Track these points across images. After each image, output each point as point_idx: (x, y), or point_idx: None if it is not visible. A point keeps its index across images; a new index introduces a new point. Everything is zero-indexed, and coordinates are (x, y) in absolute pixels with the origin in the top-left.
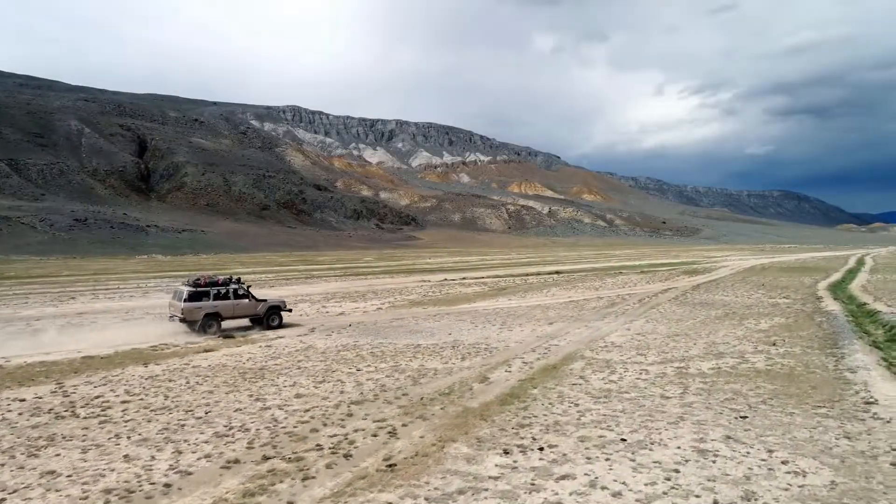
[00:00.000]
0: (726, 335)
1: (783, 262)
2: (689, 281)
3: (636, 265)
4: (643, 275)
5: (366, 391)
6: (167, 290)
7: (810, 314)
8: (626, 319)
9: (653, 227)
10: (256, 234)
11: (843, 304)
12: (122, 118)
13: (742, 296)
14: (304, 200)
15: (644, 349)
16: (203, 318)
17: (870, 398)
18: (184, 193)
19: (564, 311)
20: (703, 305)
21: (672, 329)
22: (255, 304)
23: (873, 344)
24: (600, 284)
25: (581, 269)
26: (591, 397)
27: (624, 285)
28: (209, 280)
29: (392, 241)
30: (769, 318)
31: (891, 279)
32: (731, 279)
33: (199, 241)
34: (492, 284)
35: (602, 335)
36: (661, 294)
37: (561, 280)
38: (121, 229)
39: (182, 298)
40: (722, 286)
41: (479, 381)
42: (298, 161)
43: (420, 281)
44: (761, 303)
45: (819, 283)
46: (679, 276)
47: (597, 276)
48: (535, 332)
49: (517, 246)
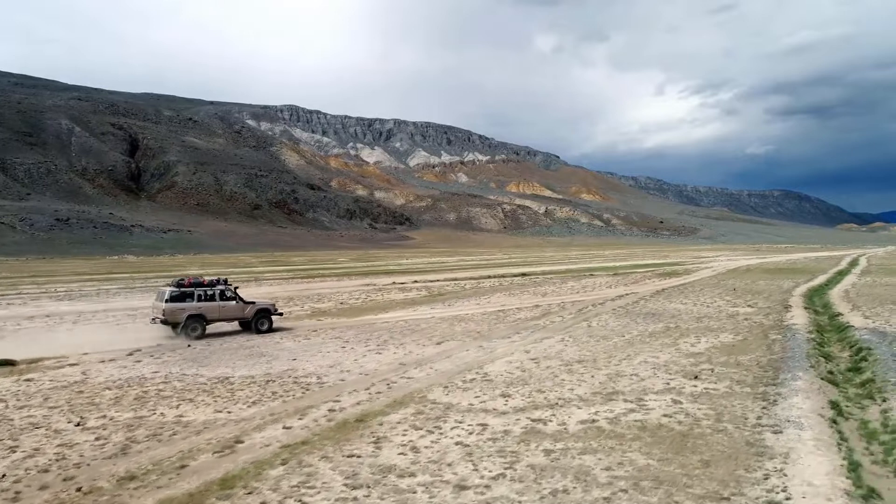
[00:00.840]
0: (644, 362)
1: (772, 263)
2: (656, 285)
3: (616, 266)
4: (613, 277)
5: None
6: (84, 296)
7: (766, 330)
8: (540, 336)
9: (650, 226)
10: (244, 234)
11: (814, 315)
12: (114, 117)
13: (701, 304)
14: (296, 200)
15: (518, 385)
16: (186, 319)
17: (780, 491)
18: (174, 193)
19: (478, 324)
20: (648, 316)
21: (582, 352)
22: (242, 306)
23: (828, 376)
24: (555, 289)
25: (553, 270)
26: (350, 485)
27: (581, 290)
28: (193, 280)
29: (383, 242)
30: (714, 336)
31: (879, 283)
32: (705, 283)
33: (184, 241)
34: (436, 289)
35: (485, 361)
36: (613, 301)
37: (519, 284)
38: (104, 229)
39: (164, 299)
40: (687, 291)
41: (217, 451)
42: (293, 160)
43: (366, 284)
44: (718, 313)
45: (798, 287)
46: (650, 279)
47: (563, 279)
48: (408, 355)
49: (510, 246)
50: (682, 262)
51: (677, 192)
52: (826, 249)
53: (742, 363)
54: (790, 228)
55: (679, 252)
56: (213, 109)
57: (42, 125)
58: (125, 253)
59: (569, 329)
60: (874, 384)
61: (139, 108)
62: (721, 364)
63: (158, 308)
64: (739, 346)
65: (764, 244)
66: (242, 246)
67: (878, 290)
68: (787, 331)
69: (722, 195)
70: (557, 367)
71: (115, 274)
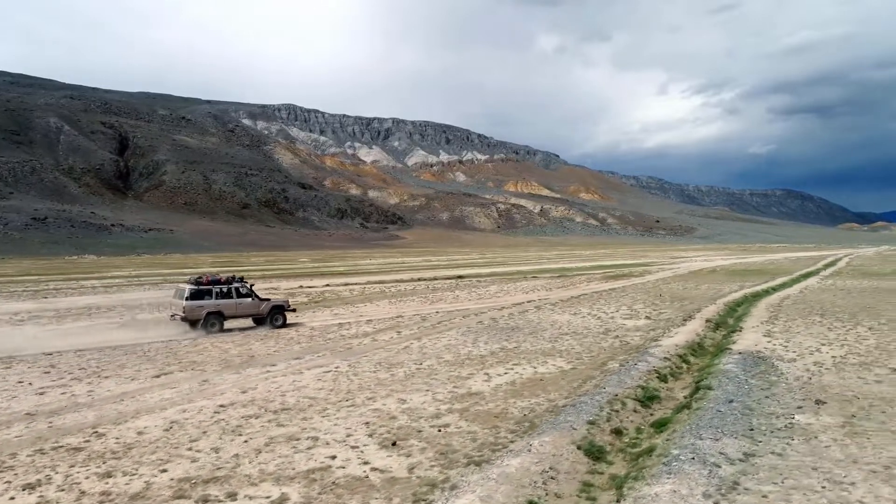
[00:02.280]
0: (376, 410)
1: (744, 264)
2: (584, 289)
3: (575, 267)
4: (555, 280)
5: None
6: None
7: (617, 354)
8: (323, 361)
9: (646, 226)
10: (227, 234)
11: (709, 332)
12: (106, 116)
13: (597, 314)
14: (286, 199)
15: (114, 458)
16: (205, 316)
17: None
18: (161, 192)
19: (277, 342)
20: (504, 332)
21: (335, 388)
22: (258, 303)
23: (595, 442)
24: (465, 295)
25: (502, 272)
26: None
27: (492, 296)
28: (212, 278)
29: (373, 241)
30: (541, 363)
31: (834, 287)
32: (643, 287)
33: (163, 240)
34: (331, 293)
35: (154, 409)
36: (501, 310)
37: (433, 287)
38: (81, 228)
39: (183, 297)
40: (606, 298)
41: None
42: (287, 159)
43: (298, 286)
44: (599, 327)
45: (738, 292)
46: (591, 282)
47: (499, 281)
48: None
49: (499, 245)
50: (652, 262)
51: (679, 191)
52: (818, 249)
53: (506, 414)
54: (790, 228)
55: (662, 252)
56: (209, 109)
57: (30, 124)
58: (96, 253)
59: (383, 349)
60: (649, 458)
61: (133, 106)
62: (470, 417)
63: (178, 306)
64: (551, 379)
65: (758, 244)
66: (221, 245)
67: (822, 297)
68: (644, 355)
69: (724, 195)
70: (238, 419)
71: (36, 276)
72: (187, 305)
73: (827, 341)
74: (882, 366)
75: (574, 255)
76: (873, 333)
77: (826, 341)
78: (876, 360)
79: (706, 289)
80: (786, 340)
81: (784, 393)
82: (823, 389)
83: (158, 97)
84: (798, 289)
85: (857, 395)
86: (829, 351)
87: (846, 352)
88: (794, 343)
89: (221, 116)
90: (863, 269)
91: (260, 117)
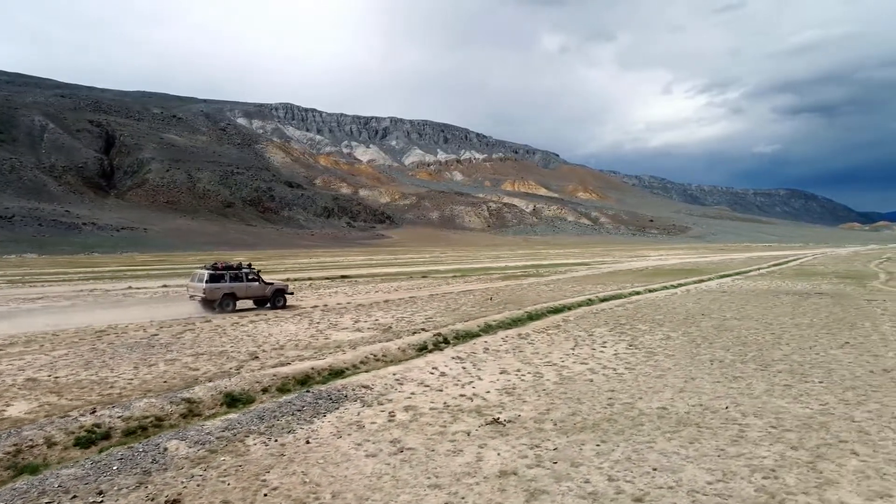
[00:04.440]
0: None
1: (686, 264)
2: (436, 290)
3: (498, 267)
4: (428, 280)
5: None
6: None
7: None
8: None
9: (639, 225)
10: (203, 233)
11: (383, 354)
12: (94, 114)
13: (313, 325)
14: (272, 198)
15: None
16: (221, 297)
17: None
18: (144, 190)
19: None
20: (156, 348)
21: None
22: (263, 286)
23: None
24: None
25: (392, 273)
26: None
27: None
28: (225, 265)
29: (356, 240)
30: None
31: (727, 290)
32: (507, 288)
33: (133, 239)
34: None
35: None
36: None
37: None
38: (49, 227)
39: (204, 280)
40: (424, 301)
41: None
42: (278, 158)
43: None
44: (231, 348)
45: (608, 292)
46: (466, 283)
47: (390, 281)
48: None
49: (484, 244)
50: (588, 262)
51: (681, 191)
52: (802, 248)
53: None
54: (788, 227)
55: (632, 251)
56: (204, 107)
57: (14, 122)
58: (54, 252)
59: None
60: None
61: (125, 105)
62: None
63: (198, 289)
64: None
65: (746, 243)
66: (191, 245)
67: (679, 302)
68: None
69: (727, 194)
70: None
71: None
72: (207, 287)
73: (530, 365)
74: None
75: (541, 254)
76: (635, 350)
77: (521, 367)
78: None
79: (579, 290)
80: (445, 366)
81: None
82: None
83: (155, 96)
84: (680, 290)
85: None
86: (490, 382)
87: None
88: (455, 371)
89: (214, 115)
90: (804, 270)
91: (256, 116)
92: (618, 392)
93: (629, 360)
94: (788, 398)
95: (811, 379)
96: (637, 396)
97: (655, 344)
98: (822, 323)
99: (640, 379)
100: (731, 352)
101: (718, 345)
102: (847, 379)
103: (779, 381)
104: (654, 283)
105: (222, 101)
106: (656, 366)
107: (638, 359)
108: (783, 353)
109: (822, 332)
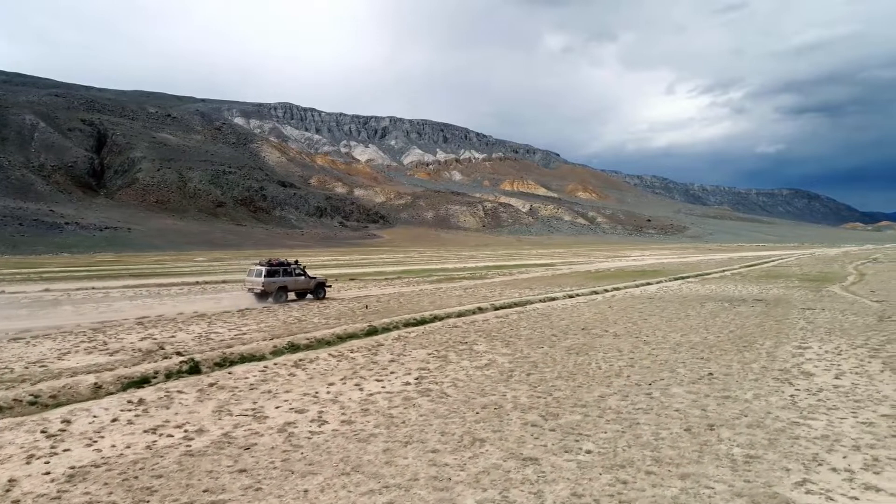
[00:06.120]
0: None
1: (657, 265)
2: (359, 292)
3: (460, 268)
4: (398, 279)
5: None
6: None
7: None
8: None
9: (636, 225)
10: (190, 233)
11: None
12: (87, 113)
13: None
14: (263, 197)
15: None
16: (276, 290)
17: None
18: (134, 190)
19: None
20: None
21: None
22: (308, 280)
23: None
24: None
25: (343, 274)
26: None
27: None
28: (278, 261)
29: (347, 240)
30: None
31: (670, 295)
32: (424, 292)
33: (115, 239)
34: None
35: None
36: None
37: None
38: (30, 227)
39: (262, 275)
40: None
41: None
42: (273, 157)
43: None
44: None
45: (530, 296)
46: (404, 285)
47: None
48: None
49: (475, 244)
50: (555, 262)
51: (683, 190)
52: (797, 248)
53: None
54: (789, 227)
55: (625, 250)
56: (201, 107)
57: (4, 120)
58: (24, 253)
59: None
60: None
61: (120, 104)
62: None
63: (257, 283)
64: None
65: (742, 243)
66: (175, 245)
67: (591, 310)
68: None
69: (729, 194)
70: None
71: None
72: (265, 281)
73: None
74: None
75: (512, 254)
76: (417, 384)
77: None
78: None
79: (491, 295)
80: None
81: None
82: None
83: (153, 96)
84: (606, 296)
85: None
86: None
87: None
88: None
89: (210, 114)
90: (772, 272)
91: (254, 115)
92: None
93: (379, 404)
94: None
95: (593, 439)
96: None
97: (448, 380)
98: (715, 342)
99: (320, 452)
100: (538, 390)
101: (533, 378)
102: (645, 444)
103: (528, 450)
104: (595, 286)
105: (220, 101)
106: (388, 417)
107: (380, 406)
108: (611, 390)
109: (702, 355)
